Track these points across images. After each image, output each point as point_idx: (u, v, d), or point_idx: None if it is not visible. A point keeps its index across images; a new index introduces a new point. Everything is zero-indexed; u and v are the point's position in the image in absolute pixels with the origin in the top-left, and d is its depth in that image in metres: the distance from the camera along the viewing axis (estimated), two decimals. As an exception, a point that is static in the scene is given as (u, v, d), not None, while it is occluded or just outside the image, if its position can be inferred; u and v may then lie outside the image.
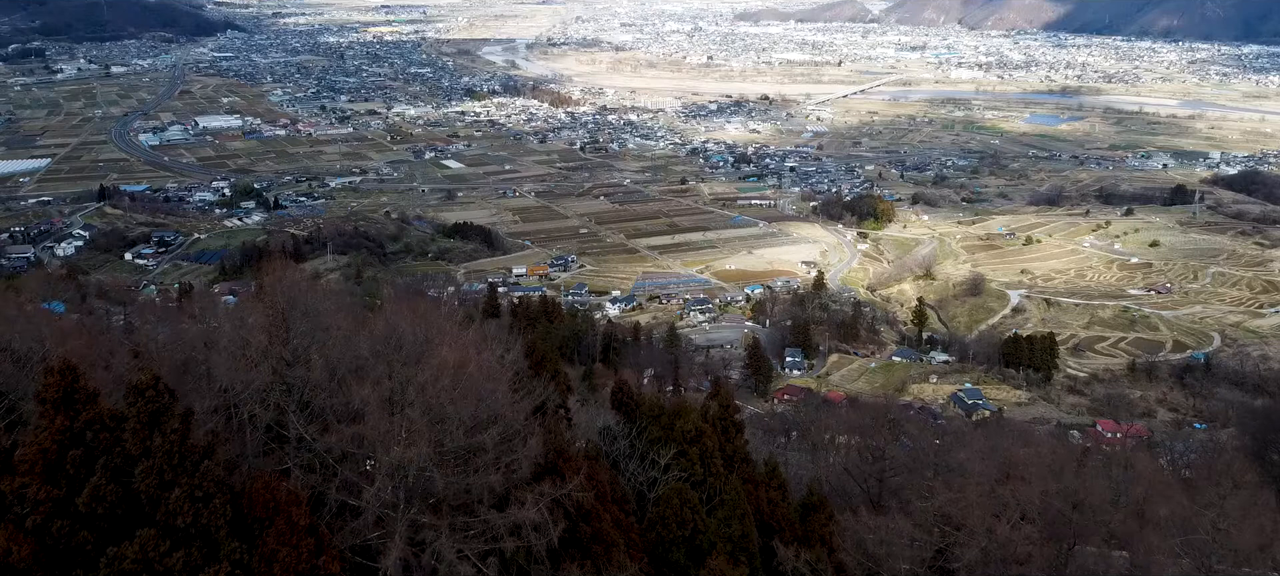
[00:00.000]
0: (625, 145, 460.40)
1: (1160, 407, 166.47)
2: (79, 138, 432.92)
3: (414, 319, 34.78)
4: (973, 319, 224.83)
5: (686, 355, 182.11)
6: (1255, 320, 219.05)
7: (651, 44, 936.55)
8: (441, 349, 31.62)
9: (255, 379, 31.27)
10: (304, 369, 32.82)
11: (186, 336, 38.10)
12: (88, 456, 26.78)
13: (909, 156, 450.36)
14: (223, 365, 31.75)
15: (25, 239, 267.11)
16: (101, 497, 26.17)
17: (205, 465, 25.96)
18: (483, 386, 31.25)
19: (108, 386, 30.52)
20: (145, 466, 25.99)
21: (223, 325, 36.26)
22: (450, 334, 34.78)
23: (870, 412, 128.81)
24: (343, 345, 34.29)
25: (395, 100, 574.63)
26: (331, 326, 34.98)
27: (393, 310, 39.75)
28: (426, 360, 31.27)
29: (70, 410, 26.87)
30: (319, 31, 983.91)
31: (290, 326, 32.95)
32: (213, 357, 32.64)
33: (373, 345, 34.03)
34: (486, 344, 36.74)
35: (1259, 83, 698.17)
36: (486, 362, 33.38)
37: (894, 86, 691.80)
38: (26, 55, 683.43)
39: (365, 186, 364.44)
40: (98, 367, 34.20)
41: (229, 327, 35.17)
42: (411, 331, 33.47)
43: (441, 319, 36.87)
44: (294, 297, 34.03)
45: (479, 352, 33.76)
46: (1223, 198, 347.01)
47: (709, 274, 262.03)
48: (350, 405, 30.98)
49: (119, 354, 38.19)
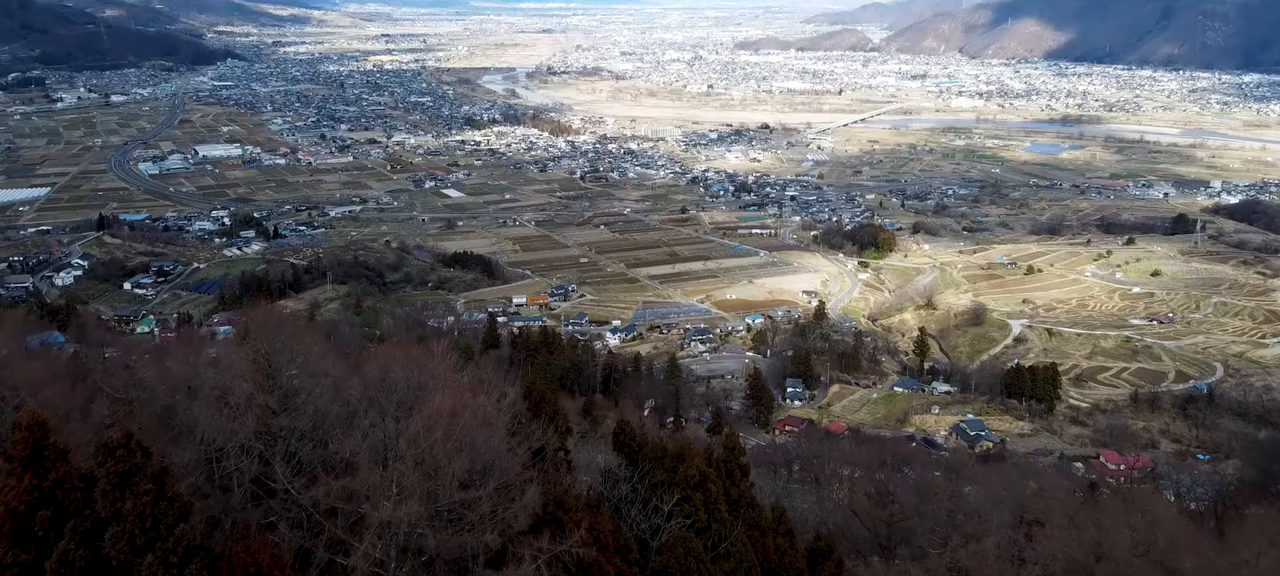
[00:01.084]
0: (625, 174, 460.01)
1: (1163, 438, 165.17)
2: (79, 166, 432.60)
3: (407, 362, 33.41)
4: (974, 349, 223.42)
5: (687, 386, 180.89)
6: (1258, 350, 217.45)
7: (652, 73, 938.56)
8: (435, 397, 30.19)
9: (239, 428, 29.85)
10: (290, 418, 31.42)
11: (169, 381, 36.64)
12: (57, 518, 25.27)
13: (910, 185, 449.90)
14: (205, 414, 30.34)
15: (24, 268, 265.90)
16: (70, 563, 24.64)
17: (180, 529, 24.48)
18: (478, 435, 29.87)
19: (85, 437, 29.09)
20: (116, 531, 24.53)
21: (206, 370, 34.74)
22: (445, 377, 33.43)
23: (874, 447, 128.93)
24: (332, 392, 32.92)
25: (395, 129, 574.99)
26: (320, 371, 33.56)
27: (385, 353, 38.39)
28: (420, 407, 29.85)
29: (39, 468, 25.36)
30: (319, 60, 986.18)
31: (276, 372, 31.58)
32: (195, 406, 31.24)
33: (364, 391, 32.64)
34: (483, 386, 35.42)
35: (1260, 111, 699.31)
36: (482, 408, 32.03)
37: (895, 115, 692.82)
38: (27, 84, 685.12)
39: (365, 215, 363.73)
40: (74, 417, 32.79)
41: (212, 374, 33.68)
42: (405, 375, 32.11)
43: (436, 361, 35.37)
44: (280, 342, 32.65)
45: (475, 396, 32.45)
46: (1224, 227, 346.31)
47: (710, 303, 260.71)
48: (339, 456, 29.62)
49: (98, 401, 36.72)
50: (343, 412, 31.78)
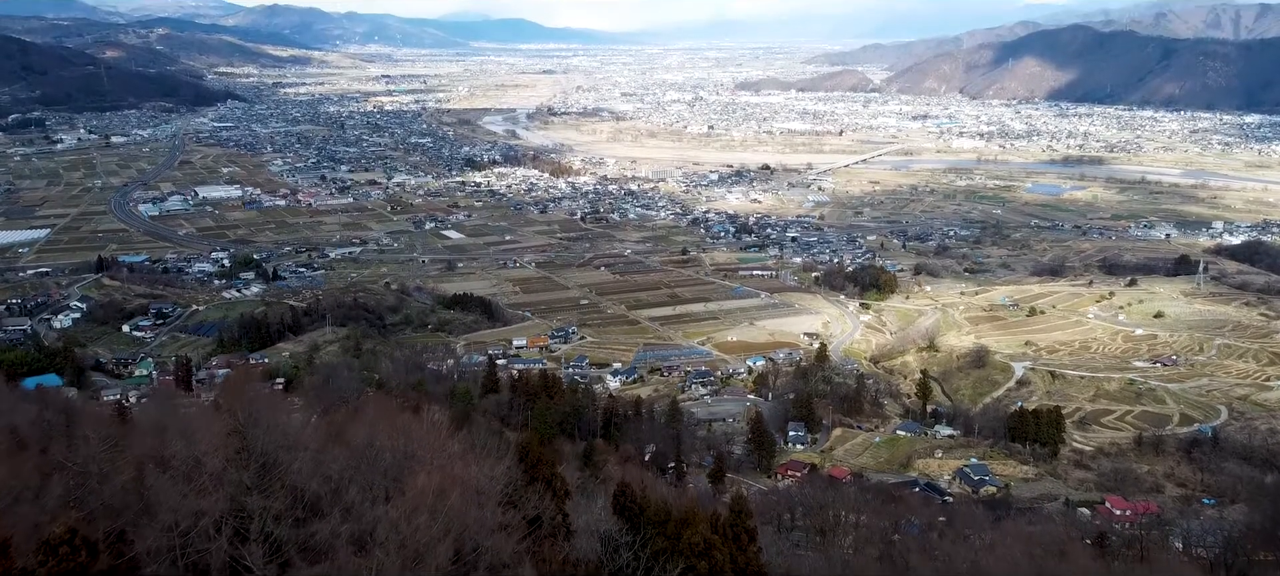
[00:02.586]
0: (626, 215, 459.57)
1: (1168, 482, 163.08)
2: (78, 208, 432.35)
3: (393, 432, 31.66)
4: (977, 391, 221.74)
5: (688, 429, 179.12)
6: (1262, 392, 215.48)
7: (652, 114, 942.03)
8: (421, 476, 28.45)
9: (210, 507, 28.02)
10: (266, 495, 29.57)
11: (137, 451, 34.76)
12: (-4, 623, 23.51)
13: (911, 226, 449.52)
14: (173, 490, 28.53)
15: (22, 311, 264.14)
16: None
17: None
18: (468, 513, 28.18)
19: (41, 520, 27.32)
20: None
21: (176, 441, 32.84)
22: (434, 446, 31.76)
23: (878, 496, 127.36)
24: (312, 464, 31.08)
25: (395, 170, 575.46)
26: (299, 442, 31.70)
27: (371, 420, 36.49)
28: (406, 484, 28.14)
29: (-33, 568, 23.52)
30: (320, 101, 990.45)
31: (251, 445, 29.78)
32: (163, 481, 29.39)
33: (348, 461, 30.89)
34: (475, 453, 33.77)
35: (1261, 152, 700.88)
36: (474, 479, 30.37)
37: (895, 156, 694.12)
38: (26, 125, 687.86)
39: (365, 257, 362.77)
40: (26, 498, 30.93)
41: (183, 445, 31.81)
42: (391, 445, 30.40)
43: (424, 429, 33.65)
44: (256, 410, 30.84)
45: (466, 466, 30.80)
46: (1227, 268, 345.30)
47: (711, 345, 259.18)
48: (319, 538, 27.86)
49: (56, 478, 34.57)
50: (323, 488, 29.97)
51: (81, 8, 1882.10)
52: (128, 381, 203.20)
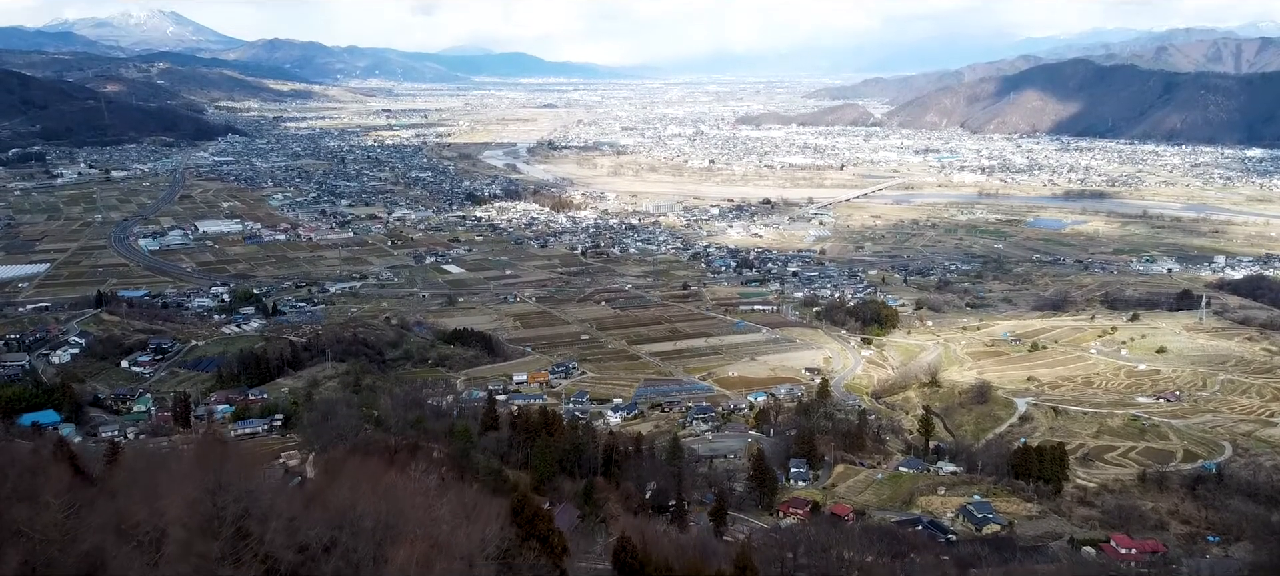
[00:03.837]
0: (627, 250, 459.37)
1: (1172, 519, 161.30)
2: (78, 242, 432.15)
3: (375, 496, 30.15)
4: (979, 427, 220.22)
5: (689, 465, 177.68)
6: (1267, 428, 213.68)
7: (653, 148, 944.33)
8: (403, 547, 27.04)
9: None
10: (237, 567, 28.18)
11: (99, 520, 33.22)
12: None
13: (912, 261, 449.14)
14: (135, 564, 27.15)
15: (21, 346, 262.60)
16: None
17: None
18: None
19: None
20: None
21: (140, 509, 31.24)
22: (420, 508, 30.36)
23: (881, 536, 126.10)
24: (287, 533, 29.55)
25: (396, 204, 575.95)
26: (274, 509, 30.17)
27: (353, 482, 34.92)
28: (390, 550, 26.76)
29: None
30: (320, 135, 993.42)
31: (222, 513, 28.32)
32: (124, 553, 27.94)
33: (326, 528, 29.41)
34: (465, 515, 32.32)
35: (1263, 186, 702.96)
36: (462, 545, 28.96)
37: (897, 190, 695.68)
38: (27, 159, 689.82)
39: (365, 292, 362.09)
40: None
41: (147, 513, 30.28)
42: (373, 510, 28.88)
43: (410, 492, 32.25)
44: (225, 478, 29.31)
45: (455, 530, 29.40)
46: (1229, 302, 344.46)
47: (712, 381, 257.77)
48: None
49: (12, 547, 33.02)
50: (299, 560, 28.53)
51: (82, 42, 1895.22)
52: (126, 417, 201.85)
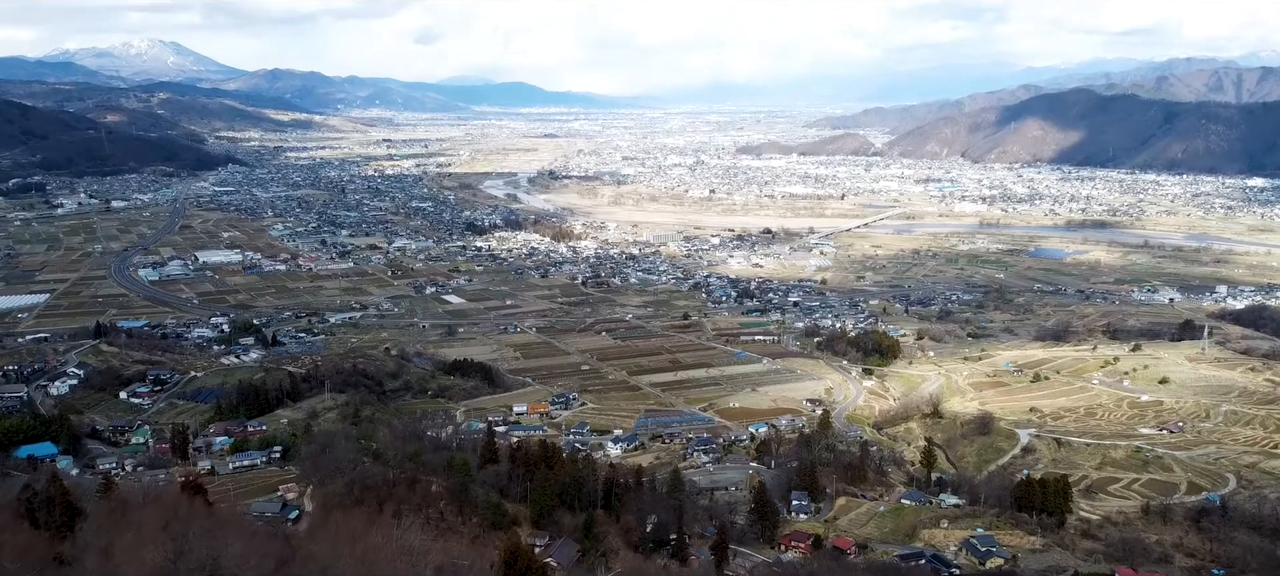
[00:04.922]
0: (627, 280, 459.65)
1: (1177, 552, 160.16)
2: (78, 273, 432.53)
3: (352, 556, 28.86)
4: (982, 459, 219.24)
5: (690, 497, 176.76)
6: (1271, 460, 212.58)
7: (653, 177, 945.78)
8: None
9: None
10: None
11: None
12: None
13: (913, 291, 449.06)
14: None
15: (19, 378, 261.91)
16: None
17: None
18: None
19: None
20: None
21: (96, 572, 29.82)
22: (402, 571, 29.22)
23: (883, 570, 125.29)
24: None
25: (396, 235, 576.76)
26: (243, 569, 28.83)
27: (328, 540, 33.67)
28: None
29: None
30: (321, 166, 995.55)
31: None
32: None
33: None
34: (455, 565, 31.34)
35: (1264, 216, 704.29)
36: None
37: (898, 220, 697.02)
38: (27, 189, 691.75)
39: (365, 322, 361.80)
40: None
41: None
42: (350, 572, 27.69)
43: (391, 550, 30.99)
44: (186, 541, 28.14)
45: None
46: (1230, 332, 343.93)
47: (713, 412, 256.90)
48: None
49: None
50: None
51: (83, 72, 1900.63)
52: (124, 449, 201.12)
